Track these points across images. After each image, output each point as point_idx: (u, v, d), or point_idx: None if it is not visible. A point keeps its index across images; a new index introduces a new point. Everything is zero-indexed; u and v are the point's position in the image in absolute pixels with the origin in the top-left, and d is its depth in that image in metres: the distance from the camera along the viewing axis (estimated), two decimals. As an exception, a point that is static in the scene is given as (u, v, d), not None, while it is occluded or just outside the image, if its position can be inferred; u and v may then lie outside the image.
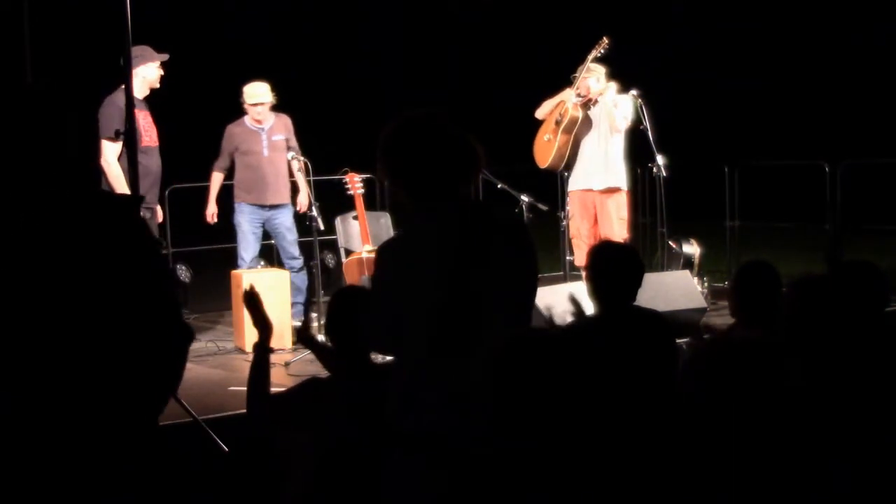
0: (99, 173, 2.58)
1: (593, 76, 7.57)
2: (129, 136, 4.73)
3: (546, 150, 7.66)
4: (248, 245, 7.35)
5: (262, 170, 7.30)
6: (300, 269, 7.48)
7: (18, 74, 4.74)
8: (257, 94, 7.29)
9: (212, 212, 7.45)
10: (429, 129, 2.90)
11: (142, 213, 6.16)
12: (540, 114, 7.70)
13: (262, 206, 7.34)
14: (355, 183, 7.22)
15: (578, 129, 7.51)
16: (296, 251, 7.52)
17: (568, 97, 7.51)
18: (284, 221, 7.44)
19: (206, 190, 7.51)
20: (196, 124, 9.84)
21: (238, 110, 7.40)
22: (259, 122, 7.30)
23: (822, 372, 2.91)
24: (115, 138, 5.72)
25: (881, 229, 10.27)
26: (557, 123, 7.56)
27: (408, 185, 2.88)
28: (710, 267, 8.57)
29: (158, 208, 6.69)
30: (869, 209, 9.99)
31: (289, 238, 7.46)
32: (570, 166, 7.65)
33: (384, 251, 2.88)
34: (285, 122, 7.43)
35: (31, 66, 4.82)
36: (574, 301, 4.13)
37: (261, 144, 7.30)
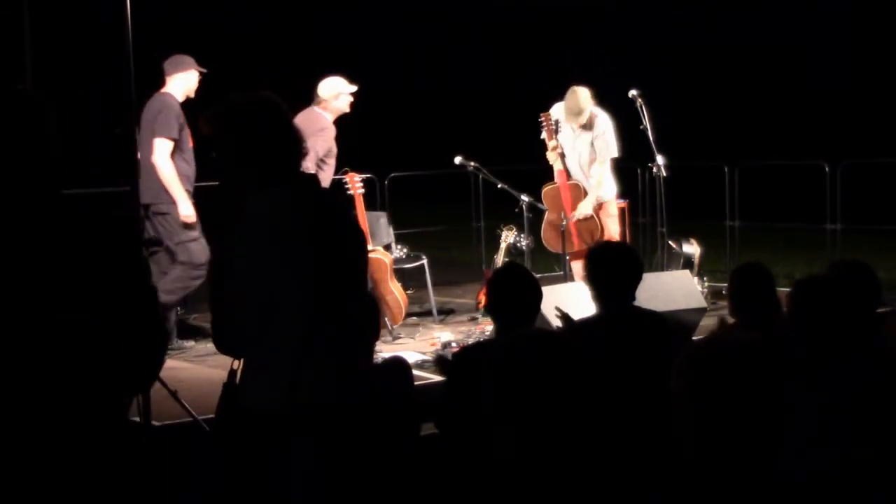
0: (57, 170, 2.47)
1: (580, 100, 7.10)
2: (129, 136, 4.71)
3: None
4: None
5: None
6: None
7: (18, 77, 4.74)
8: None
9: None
10: (263, 113, 2.87)
11: (164, 216, 6.29)
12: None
13: None
14: (355, 183, 7.21)
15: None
16: None
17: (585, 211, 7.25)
18: None
19: (204, 188, 6.67)
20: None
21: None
22: None
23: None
24: (171, 139, 6.21)
25: (881, 229, 10.27)
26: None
27: (246, 170, 2.84)
28: (710, 267, 8.57)
29: (184, 207, 6.37)
30: (869, 209, 9.99)
31: None
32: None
33: (223, 244, 2.85)
34: None
35: (32, 68, 4.82)
36: (562, 314, 4.15)
37: None
